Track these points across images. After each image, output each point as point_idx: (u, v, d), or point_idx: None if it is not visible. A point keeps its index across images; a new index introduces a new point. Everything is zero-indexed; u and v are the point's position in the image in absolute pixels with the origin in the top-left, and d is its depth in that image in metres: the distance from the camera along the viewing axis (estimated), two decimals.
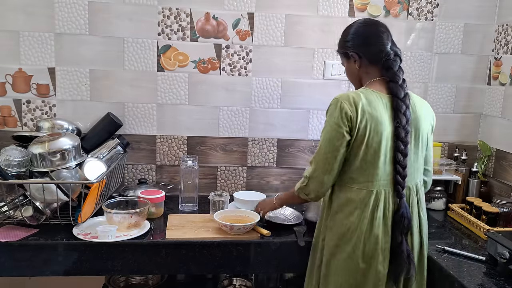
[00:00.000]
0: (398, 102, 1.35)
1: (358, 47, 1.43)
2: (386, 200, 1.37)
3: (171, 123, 2.09)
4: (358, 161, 1.36)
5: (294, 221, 1.75)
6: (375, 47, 1.40)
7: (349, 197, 1.38)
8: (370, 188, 1.36)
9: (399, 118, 1.34)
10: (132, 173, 2.11)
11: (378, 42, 1.40)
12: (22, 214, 1.53)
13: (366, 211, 1.36)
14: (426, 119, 1.44)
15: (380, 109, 1.34)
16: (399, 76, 1.38)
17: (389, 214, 1.37)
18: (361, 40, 1.43)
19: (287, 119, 2.14)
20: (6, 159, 1.61)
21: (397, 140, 1.34)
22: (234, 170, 2.16)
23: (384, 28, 1.43)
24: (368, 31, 1.43)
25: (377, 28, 1.42)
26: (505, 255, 1.34)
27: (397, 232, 1.36)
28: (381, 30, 1.42)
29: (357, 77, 1.47)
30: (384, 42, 1.40)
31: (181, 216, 1.80)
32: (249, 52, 2.07)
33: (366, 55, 1.41)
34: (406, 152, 1.35)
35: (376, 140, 1.33)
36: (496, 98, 2.13)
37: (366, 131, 1.32)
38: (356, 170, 1.37)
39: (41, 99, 2.00)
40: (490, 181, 2.12)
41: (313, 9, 2.06)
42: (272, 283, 2.15)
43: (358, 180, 1.38)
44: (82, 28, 1.96)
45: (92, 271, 1.53)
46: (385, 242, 1.37)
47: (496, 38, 2.15)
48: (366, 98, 1.35)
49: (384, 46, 1.39)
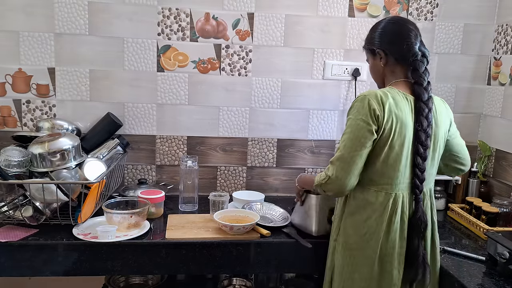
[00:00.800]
0: (421, 104, 1.32)
1: (385, 44, 1.39)
2: (404, 204, 1.35)
3: (171, 123, 2.09)
4: (380, 162, 1.32)
5: (282, 222, 1.74)
6: (403, 46, 1.36)
7: (368, 199, 1.36)
8: (389, 191, 1.34)
9: (420, 121, 1.31)
10: (132, 173, 2.11)
11: (406, 40, 1.36)
12: (22, 214, 1.53)
13: (384, 215, 1.34)
14: (444, 122, 1.41)
15: (405, 111, 1.32)
16: (424, 78, 1.35)
17: (406, 218, 1.35)
18: (389, 37, 1.39)
19: (287, 119, 2.14)
20: (6, 159, 1.61)
21: (417, 143, 1.32)
22: (234, 170, 2.16)
23: (413, 27, 1.39)
24: (397, 28, 1.39)
25: (407, 26, 1.39)
26: (505, 255, 1.35)
27: (414, 237, 1.34)
28: (410, 29, 1.38)
29: (382, 75, 1.44)
30: (413, 41, 1.36)
31: (181, 216, 1.80)
32: (249, 52, 2.07)
33: (393, 53, 1.38)
34: (425, 156, 1.33)
35: (399, 142, 1.31)
36: (495, 98, 2.13)
37: (391, 132, 1.29)
38: (377, 172, 1.34)
39: (41, 99, 2.00)
40: (490, 181, 2.12)
41: (313, 9, 2.06)
42: (272, 283, 2.15)
43: (377, 182, 1.35)
44: (82, 28, 1.96)
45: (92, 271, 1.53)
46: (401, 247, 1.35)
47: (496, 38, 2.15)
48: (393, 98, 1.32)
49: (412, 45, 1.36)
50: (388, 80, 1.42)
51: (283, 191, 2.20)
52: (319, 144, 2.18)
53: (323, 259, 1.53)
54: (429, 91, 1.35)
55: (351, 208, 1.40)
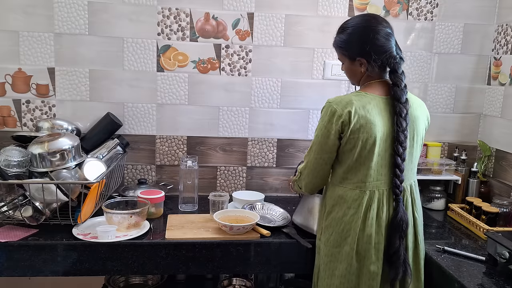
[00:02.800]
0: (400, 106, 1.34)
1: (369, 53, 1.36)
2: (380, 201, 1.37)
3: (171, 123, 2.09)
4: (352, 161, 1.36)
5: (282, 222, 1.74)
6: (386, 52, 1.36)
7: (343, 196, 1.39)
8: (363, 188, 1.37)
9: (400, 122, 1.33)
10: (132, 173, 2.11)
11: (388, 47, 1.36)
12: (22, 214, 1.52)
13: (359, 211, 1.36)
14: (421, 119, 1.44)
15: (373, 112, 1.34)
16: (402, 80, 1.37)
17: (382, 214, 1.37)
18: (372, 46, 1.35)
19: (287, 119, 2.14)
20: (6, 159, 1.61)
21: (397, 144, 1.34)
22: (233, 170, 2.16)
23: (390, 29, 1.38)
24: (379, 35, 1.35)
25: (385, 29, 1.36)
26: (504, 255, 1.35)
27: (396, 237, 1.35)
28: (390, 33, 1.37)
29: (359, 78, 1.45)
30: (392, 45, 1.37)
31: (180, 216, 1.80)
32: (248, 52, 2.07)
33: (377, 62, 1.37)
34: (404, 157, 1.35)
35: (370, 142, 1.33)
36: (495, 98, 2.13)
37: (359, 133, 1.32)
38: (349, 171, 1.38)
39: (41, 99, 2.00)
40: (490, 181, 2.12)
41: (313, 9, 2.06)
42: (272, 283, 2.15)
43: (351, 180, 1.38)
44: (81, 28, 1.96)
45: (92, 271, 1.53)
46: (378, 243, 1.37)
47: (496, 38, 2.15)
48: (359, 100, 1.34)
49: (392, 50, 1.37)
50: (363, 81, 1.44)
51: (283, 191, 2.20)
52: None
53: None
54: (406, 93, 1.37)
55: (329, 206, 1.43)
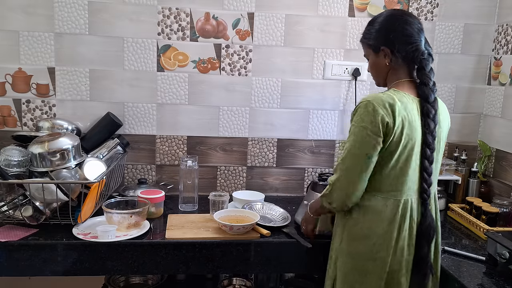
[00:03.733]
0: (428, 107, 1.26)
1: (391, 42, 1.30)
2: (412, 210, 1.30)
3: (171, 123, 2.09)
4: (389, 169, 1.26)
5: (282, 222, 1.73)
6: (411, 44, 1.29)
7: (375, 207, 1.28)
8: (398, 197, 1.28)
9: (428, 123, 1.26)
10: (132, 173, 2.11)
11: (414, 38, 1.29)
12: (22, 214, 1.53)
13: (394, 223, 1.27)
14: (445, 123, 1.37)
15: (414, 114, 1.26)
16: (430, 78, 1.29)
17: (414, 224, 1.30)
18: (395, 34, 1.29)
19: (287, 119, 2.14)
20: (6, 159, 1.61)
21: (425, 146, 1.26)
22: (234, 170, 2.16)
23: (419, 23, 1.32)
24: (404, 25, 1.30)
25: (414, 22, 1.31)
26: (505, 255, 1.34)
27: (424, 244, 1.29)
28: (418, 26, 1.31)
29: (384, 74, 1.36)
30: (420, 39, 1.30)
31: (181, 216, 1.79)
32: (249, 52, 2.07)
33: (400, 51, 1.29)
34: (432, 159, 1.28)
35: (410, 147, 1.25)
36: (496, 98, 2.13)
37: (402, 138, 1.23)
38: (385, 178, 1.27)
39: (41, 99, 2.00)
40: (490, 181, 2.12)
41: (313, 9, 2.06)
42: (272, 283, 2.15)
43: (385, 188, 1.28)
44: (81, 28, 1.96)
45: (92, 271, 1.53)
46: (409, 254, 1.30)
47: (496, 38, 2.15)
48: (401, 101, 1.25)
49: (420, 43, 1.29)
50: (391, 80, 1.35)
51: (283, 191, 2.20)
52: (319, 144, 2.18)
53: (323, 259, 1.53)
54: (434, 92, 1.30)
55: (356, 216, 1.32)
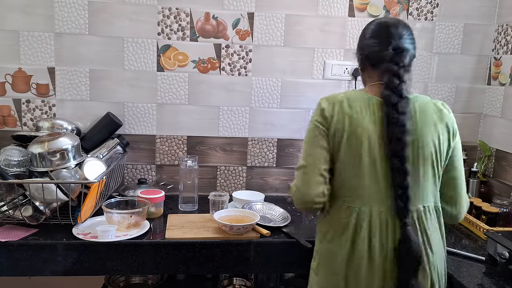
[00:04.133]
0: (389, 110, 1.13)
1: (361, 47, 1.29)
2: (372, 222, 1.14)
3: (171, 123, 2.08)
4: (338, 172, 1.18)
5: (282, 222, 1.73)
6: (376, 47, 1.23)
7: (331, 214, 1.21)
8: (352, 204, 1.16)
9: (392, 131, 1.11)
10: (132, 173, 2.11)
11: (380, 41, 1.23)
12: (22, 214, 1.53)
13: (346, 232, 1.14)
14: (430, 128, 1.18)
15: (363, 111, 1.17)
16: (392, 80, 1.16)
17: (376, 240, 1.12)
18: (364, 41, 1.28)
19: (287, 119, 2.14)
20: (6, 159, 1.61)
21: (392, 155, 1.11)
22: (234, 170, 2.16)
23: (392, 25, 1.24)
24: (372, 30, 1.27)
25: (383, 25, 1.25)
26: (504, 255, 1.35)
27: (403, 275, 1.09)
28: (387, 28, 1.24)
29: (363, 79, 1.33)
30: (385, 40, 1.22)
31: (180, 216, 1.80)
32: (249, 52, 2.07)
33: (368, 58, 1.26)
34: (405, 170, 1.10)
35: (356, 143, 1.15)
36: (496, 98, 2.13)
37: (343, 133, 1.16)
38: (338, 182, 1.19)
39: (41, 98, 2.00)
40: (490, 181, 2.12)
41: (313, 9, 2.06)
42: (272, 283, 2.15)
43: (341, 194, 1.18)
44: (81, 28, 1.96)
45: (92, 271, 1.53)
46: (379, 279, 1.12)
47: (496, 38, 2.15)
48: (349, 97, 1.20)
49: (385, 45, 1.21)
50: (366, 83, 1.31)
51: (283, 191, 2.20)
52: None
53: None
54: (402, 92, 1.14)
55: (320, 225, 1.28)
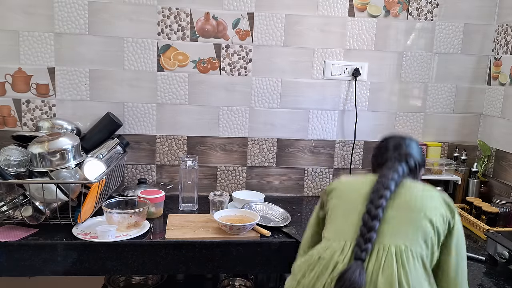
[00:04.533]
0: (377, 185, 1.20)
1: (374, 156, 1.39)
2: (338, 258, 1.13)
3: (171, 123, 2.09)
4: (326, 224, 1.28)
5: (282, 222, 1.73)
6: (382, 157, 1.32)
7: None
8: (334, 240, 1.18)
9: (375, 187, 1.19)
10: (132, 173, 2.11)
11: (383, 154, 1.33)
12: (22, 214, 1.53)
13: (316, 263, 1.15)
14: (424, 205, 1.18)
15: (357, 186, 1.26)
16: (388, 176, 1.21)
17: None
18: (376, 152, 1.38)
19: (287, 119, 2.14)
20: (6, 159, 1.61)
21: (369, 203, 1.16)
22: (234, 170, 2.16)
23: (393, 142, 1.34)
24: (380, 145, 1.38)
25: (386, 141, 1.36)
26: (504, 255, 1.35)
27: None
28: (395, 143, 1.33)
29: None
30: (388, 154, 1.31)
31: (180, 216, 1.80)
32: (249, 52, 2.07)
33: (376, 162, 1.35)
34: (376, 214, 1.13)
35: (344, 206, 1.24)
36: (496, 98, 2.13)
37: (333, 198, 1.28)
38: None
39: (41, 99, 2.00)
40: (490, 181, 2.12)
41: (313, 9, 2.06)
42: (272, 283, 2.15)
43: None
44: (81, 28, 1.96)
45: (92, 271, 1.53)
46: None
47: (496, 38, 2.15)
48: (348, 179, 1.34)
49: (389, 159, 1.29)
50: None
51: (283, 191, 2.20)
52: (319, 144, 2.18)
53: None
54: (397, 177, 1.20)
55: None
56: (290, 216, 1.79)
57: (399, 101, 2.19)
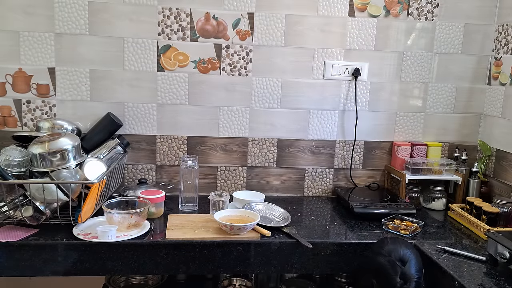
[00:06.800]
0: None
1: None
2: None
3: (171, 123, 2.09)
4: None
5: (282, 222, 1.73)
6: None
7: None
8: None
9: None
10: (132, 173, 2.11)
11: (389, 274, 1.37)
12: (22, 214, 1.53)
13: None
14: None
15: None
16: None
17: None
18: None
19: (287, 119, 2.14)
20: (6, 159, 1.61)
21: None
22: (234, 170, 2.16)
23: (403, 251, 1.40)
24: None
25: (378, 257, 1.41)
26: (505, 255, 1.35)
27: None
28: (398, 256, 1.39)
29: None
30: (397, 271, 1.36)
31: (181, 216, 1.80)
32: (249, 52, 2.07)
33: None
34: None
35: None
36: (496, 98, 2.13)
37: None
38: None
39: (41, 99, 2.00)
40: (490, 181, 2.12)
41: (313, 9, 2.06)
42: (272, 283, 2.15)
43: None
44: (82, 28, 1.96)
45: (92, 271, 1.53)
46: None
47: (496, 38, 2.15)
48: None
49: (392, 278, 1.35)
50: None
51: (283, 191, 2.20)
52: (319, 144, 2.18)
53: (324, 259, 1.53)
54: None
55: None
56: (291, 216, 1.79)
57: (399, 101, 2.19)
